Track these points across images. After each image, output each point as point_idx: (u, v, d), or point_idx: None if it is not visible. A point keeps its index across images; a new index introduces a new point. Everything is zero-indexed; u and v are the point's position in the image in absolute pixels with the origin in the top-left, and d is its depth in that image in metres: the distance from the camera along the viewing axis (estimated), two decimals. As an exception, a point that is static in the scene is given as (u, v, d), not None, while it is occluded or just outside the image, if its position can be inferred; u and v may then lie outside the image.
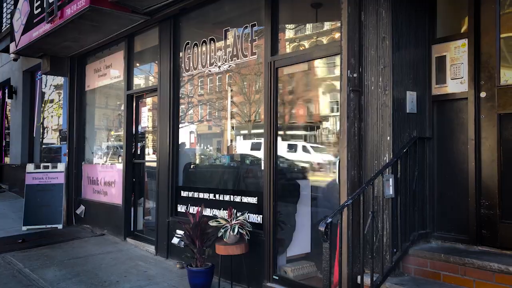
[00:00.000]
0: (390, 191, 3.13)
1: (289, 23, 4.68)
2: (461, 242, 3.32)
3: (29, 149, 11.03)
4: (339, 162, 3.42)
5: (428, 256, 3.18)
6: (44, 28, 6.64)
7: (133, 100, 6.95)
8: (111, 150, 7.79)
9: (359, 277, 3.14)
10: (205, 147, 5.99)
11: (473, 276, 2.91)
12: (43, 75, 9.93)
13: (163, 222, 5.85)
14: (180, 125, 5.94)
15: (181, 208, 5.70)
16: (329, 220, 2.65)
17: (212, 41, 5.33)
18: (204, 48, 5.46)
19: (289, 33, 4.69)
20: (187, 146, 6.09)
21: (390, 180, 3.12)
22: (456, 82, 3.43)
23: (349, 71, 3.37)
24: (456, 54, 3.44)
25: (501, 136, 3.19)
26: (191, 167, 6.00)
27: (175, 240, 5.45)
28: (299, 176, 5.38)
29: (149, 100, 6.93)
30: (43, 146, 10.47)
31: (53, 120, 10.04)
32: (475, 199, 3.27)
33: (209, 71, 5.41)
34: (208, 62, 5.40)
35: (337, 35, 3.97)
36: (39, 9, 6.87)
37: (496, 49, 3.24)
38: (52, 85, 10.02)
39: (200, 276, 4.45)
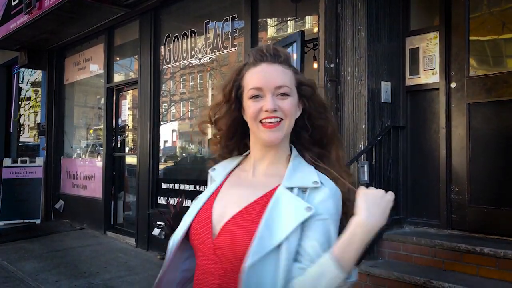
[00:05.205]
0: (365, 177, 3.23)
1: (269, 17, 4.75)
2: (433, 226, 3.46)
3: (5, 145, 10.81)
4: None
5: (401, 240, 3.30)
6: (22, 19, 6.55)
7: (114, 93, 6.92)
8: (91, 144, 7.73)
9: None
10: (187, 144, 6.04)
11: (442, 257, 3.04)
12: (20, 70, 9.76)
13: (143, 214, 5.85)
14: (162, 122, 5.96)
15: (161, 200, 5.72)
16: (306, 203, 2.74)
17: (192, 34, 5.36)
18: (184, 41, 5.49)
19: (270, 30, 4.77)
20: (169, 144, 6.13)
21: (365, 166, 3.23)
22: (428, 73, 3.57)
23: (326, 61, 3.46)
24: (429, 46, 3.57)
25: (470, 124, 3.34)
26: (173, 160, 6.05)
27: (155, 231, 5.47)
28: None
29: (129, 93, 6.91)
30: (20, 144, 10.28)
31: (30, 117, 9.87)
32: (446, 185, 3.42)
33: (190, 63, 5.44)
34: (189, 54, 5.43)
35: (315, 29, 4.07)
36: (17, 0, 6.77)
37: (466, 41, 3.38)
38: (29, 82, 9.85)
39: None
